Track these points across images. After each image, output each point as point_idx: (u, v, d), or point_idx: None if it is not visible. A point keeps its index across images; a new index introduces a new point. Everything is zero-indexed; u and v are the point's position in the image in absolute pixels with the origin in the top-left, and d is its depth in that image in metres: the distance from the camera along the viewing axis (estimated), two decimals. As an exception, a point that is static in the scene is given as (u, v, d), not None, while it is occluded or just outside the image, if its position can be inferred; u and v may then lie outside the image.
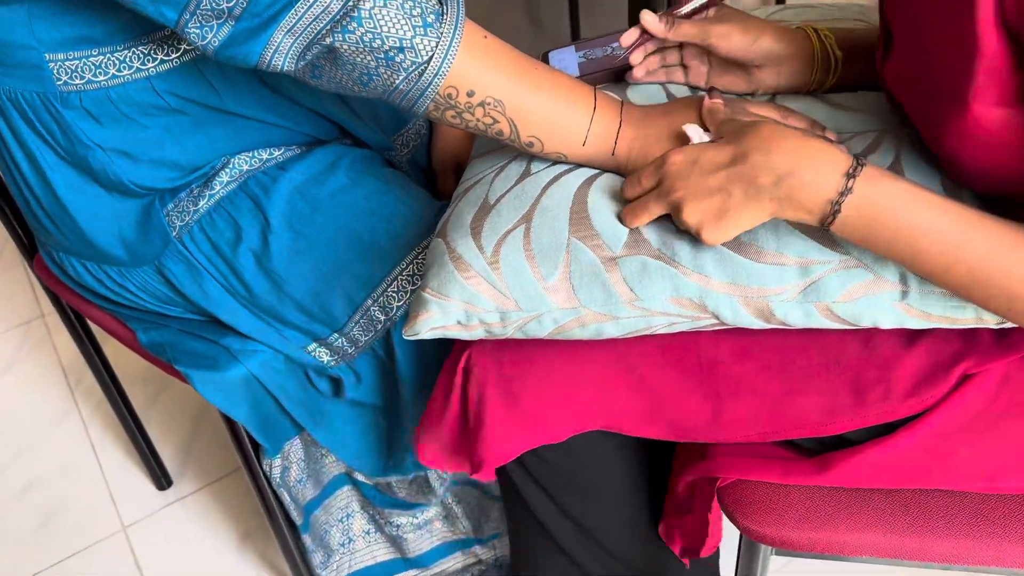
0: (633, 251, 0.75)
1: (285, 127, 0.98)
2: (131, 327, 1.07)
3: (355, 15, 0.72)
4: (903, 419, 0.79)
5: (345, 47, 0.73)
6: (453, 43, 0.75)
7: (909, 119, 0.77)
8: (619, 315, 0.76)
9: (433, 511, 1.21)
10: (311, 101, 0.97)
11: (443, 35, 0.74)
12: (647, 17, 0.84)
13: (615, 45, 0.91)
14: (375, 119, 1.08)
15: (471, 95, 0.77)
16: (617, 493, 0.96)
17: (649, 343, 0.82)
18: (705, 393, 0.81)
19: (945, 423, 0.78)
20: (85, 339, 1.33)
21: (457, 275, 0.77)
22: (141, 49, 0.86)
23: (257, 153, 0.98)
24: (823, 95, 0.86)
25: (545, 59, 0.90)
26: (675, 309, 0.75)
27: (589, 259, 0.76)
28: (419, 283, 0.83)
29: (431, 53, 0.74)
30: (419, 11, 0.73)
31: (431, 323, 0.78)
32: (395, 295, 0.97)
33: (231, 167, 0.96)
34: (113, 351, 1.39)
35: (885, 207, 0.66)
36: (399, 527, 1.21)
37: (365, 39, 0.73)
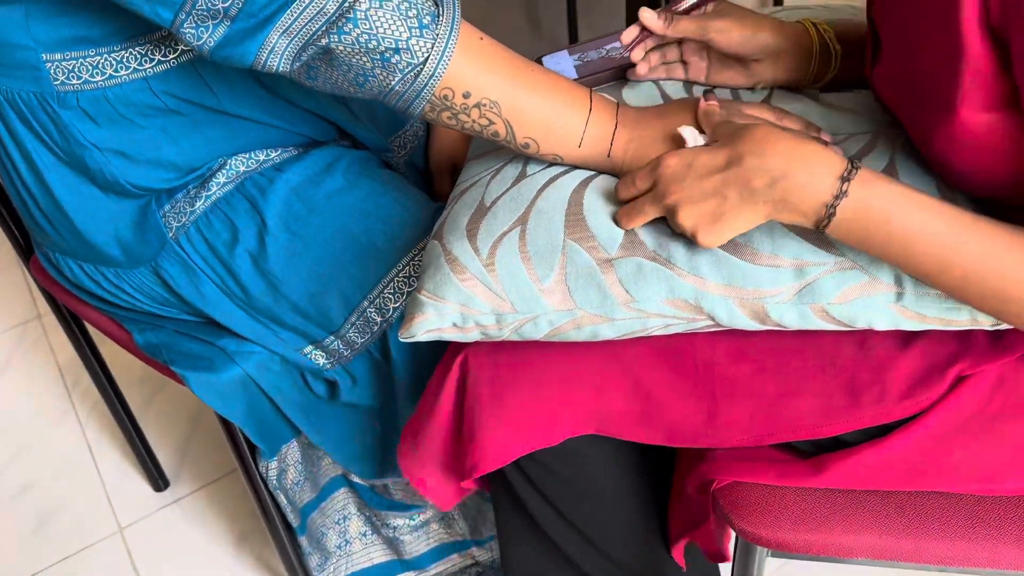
0: (629, 253, 0.75)
1: (282, 128, 0.98)
2: (127, 328, 1.07)
3: (351, 16, 0.72)
4: (898, 421, 0.79)
5: (341, 48, 0.73)
6: (449, 44, 0.75)
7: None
8: (615, 317, 0.76)
9: (430, 513, 1.21)
10: (309, 102, 0.97)
11: (439, 36, 0.74)
12: (646, 14, 0.84)
13: (609, 47, 0.91)
14: (373, 120, 1.08)
15: (467, 96, 0.77)
16: (614, 496, 0.95)
17: (645, 345, 0.82)
18: (701, 395, 0.81)
19: (940, 425, 0.78)
20: (82, 340, 1.33)
21: (453, 277, 0.77)
22: (138, 50, 0.86)
23: (254, 154, 0.98)
24: (819, 96, 0.86)
25: (539, 63, 0.90)
26: (671, 311, 0.75)
27: (585, 261, 0.75)
28: (416, 285, 0.83)
29: (427, 54, 0.74)
30: (415, 12, 0.73)
31: (427, 325, 0.78)
32: (391, 296, 0.97)
33: (228, 168, 0.96)
34: (110, 352, 1.38)
35: (880, 210, 0.66)
36: (396, 529, 1.21)
37: (361, 40, 0.73)
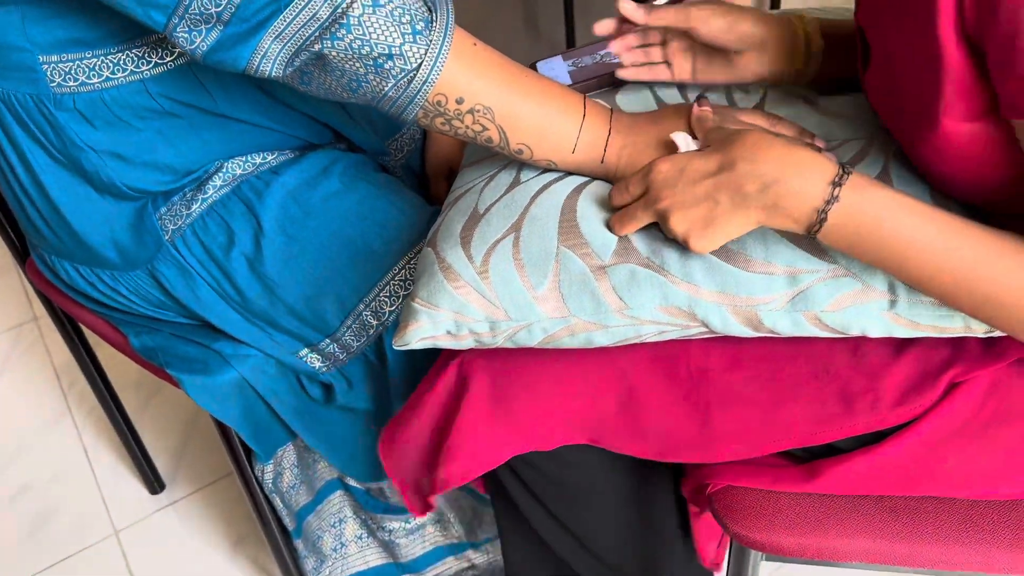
0: (622, 260, 0.75)
1: (279, 131, 0.98)
2: (123, 331, 1.07)
3: (344, 22, 0.72)
4: (892, 427, 0.79)
5: (334, 54, 0.73)
6: (442, 50, 0.74)
7: (895, 127, 0.77)
8: (609, 324, 0.76)
9: (426, 516, 1.21)
10: (305, 105, 0.97)
11: (432, 42, 0.74)
12: (624, 4, 0.83)
13: (604, 52, 0.91)
14: (369, 123, 1.08)
15: (460, 102, 0.77)
16: (609, 500, 0.95)
17: (639, 352, 0.82)
18: (695, 402, 0.81)
19: (933, 431, 0.78)
20: (78, 343, 1.33)
21: (447, 285, 0.77)
22: (135, 52, 0.86)
23: (250, 157, 0.98)
24: (813, 102, 0.86)
25: (533, 69, 0.90)
26: (664, 318, 0.75)
27: (578, 268, 0.75)
28: (411, 290, 0.83)
29: (420, 60, 0.74)
30: (408, 18, 0.73)
31: (421, 333, 0.78)
32: (387, 300, 0.97)
33: (224, 171, 0.96)
34: (106, 355, 1.38)
35: (871, 215, 0.66)
36: (391, 532, 1.20)
37: (354, 46, 0.73)
